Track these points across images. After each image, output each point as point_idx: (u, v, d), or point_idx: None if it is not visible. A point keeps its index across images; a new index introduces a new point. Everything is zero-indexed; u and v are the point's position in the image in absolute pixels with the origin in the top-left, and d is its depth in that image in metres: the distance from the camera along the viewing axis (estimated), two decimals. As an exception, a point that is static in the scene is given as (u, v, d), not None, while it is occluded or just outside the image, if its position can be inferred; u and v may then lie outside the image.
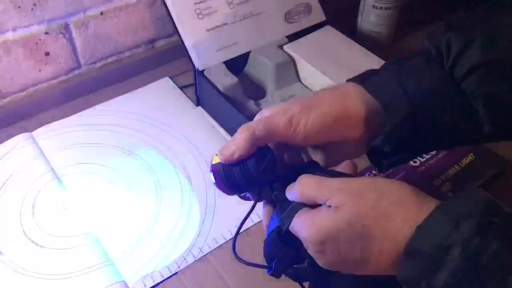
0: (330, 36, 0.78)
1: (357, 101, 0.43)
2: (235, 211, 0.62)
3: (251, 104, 0.71)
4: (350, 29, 0.85)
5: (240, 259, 0.43)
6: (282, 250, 0.41)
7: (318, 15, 0.81)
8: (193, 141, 0.71)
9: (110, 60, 0.81)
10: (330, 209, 0.37)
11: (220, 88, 0.69)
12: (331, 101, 0.43)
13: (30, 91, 0.76)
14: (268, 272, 0.42)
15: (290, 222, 0.40)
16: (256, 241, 0.47)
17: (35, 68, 0.74)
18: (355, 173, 0.44)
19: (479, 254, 0.32)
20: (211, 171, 0.43)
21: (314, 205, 0.39)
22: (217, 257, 0.58)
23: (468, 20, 0.46)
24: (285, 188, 0.42)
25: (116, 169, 0.67)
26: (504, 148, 0.67)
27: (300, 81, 0.76)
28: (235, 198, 0.64)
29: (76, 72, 0.79)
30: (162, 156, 0.69)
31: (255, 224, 0.61)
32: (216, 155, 0.43)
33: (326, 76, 0.71)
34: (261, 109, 0.71)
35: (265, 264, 0.43)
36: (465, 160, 0.66)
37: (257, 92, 0.75)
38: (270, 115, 0.42)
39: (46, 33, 0.72)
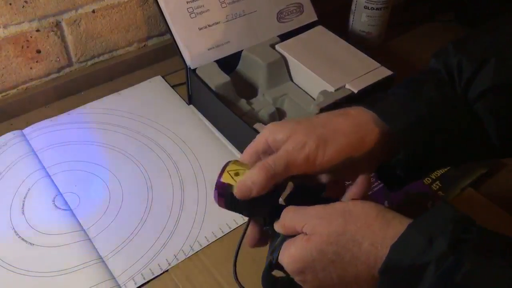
0: (322, 36, 0.79)
1: (372, 129, 0.43)
2: (226, 210, 0.62)
3: (243, 102, 0.71)
4: (341, 29, 0.86)
5: (240, 284, 0.45)
6: (275, 284, 0.43)
7: (310, 15, 0.81)
8: (185, 140, 0.71)
9: (101, 58, 0.81)
10: (305, 237, 0.39)
11: (212, 87, 0.69)
12: (347, 132, 0.42)
13: (21, 88, 0.75)
14: None
15: (278, 255, 0.41)
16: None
17: (26, 65, 0.74)
18: (368, 189, 0.43)
19: (453, 273, 0.33)
20: (216, 190, 0.42)
21: (296, 235, 0.40)
22: (208, 255, 0.58)
23: (479, 41, 0.46)
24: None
25: (107, 167, 0.67)
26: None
27: (291, 80, 0.76)
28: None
29: (68, 70, 0.79)
30: (153, 154, 0.69)
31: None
32: (228, 172, 0.42)
33: (318, 75, 0.71)
34: (253, 108, 0.71)
35: None
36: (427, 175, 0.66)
37: (249, 91, 0.75)
38: (287, 151, 0.41)
39: (38, 30, 0.72)
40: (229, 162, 0.43)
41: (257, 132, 0.63)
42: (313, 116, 0.45)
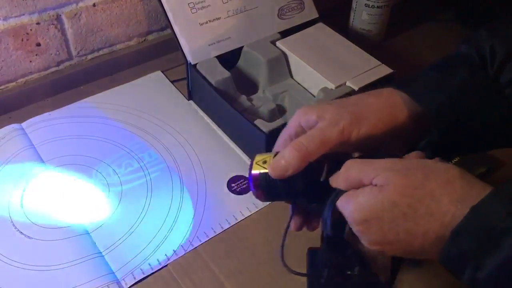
0: (323, 33, 0.78)
1: (404, 109, 0.43)
2: (226, 205, 0.63)
3: (243, 99, 0.71)
4: (342, 26, 0.86)
5: (291, 269, 0.43)
6: (330, 258, 0.42)
7: (311, 12, 0.81)
8: (184, 135, 0.71)
9: (101, 52, 0.81)
10: (375, 187, 0.37)
11: (213, 82, 0.69)
12: (380, 111, 0.42)
13: (20, 81, 0.75)
14: (319, 281, 0.42)
15: (334, 206, 0.39)
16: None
17: (25, 58, 0.73)
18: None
19: None
20: (251, 180, 0.43)
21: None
22: (207, 250, 0.58)
23: None
24: (323, 199, 0.41)
25: (106, 162, 0.66)
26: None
27: (292, 77, 0.76)
28: (225, 192, 0.65)
29: (67, 63, 0.78)
30: (153, 149, 0.69)
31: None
32: (256, 163, 0.42)
33: (318, 72, 0.71)
34: (253, 104, 0.71)
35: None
36: (454, 158, 0.67)
37: (249, 87, 0.75)
38: (320, 128, 0.41)
39: (38, 23, 0.72)
40: (255, 155, 0.44)
41: (257, 128, 0.63)
42: (344, 98, 0.45)
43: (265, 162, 0.42)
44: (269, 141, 0.62)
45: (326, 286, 0.42)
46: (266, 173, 0.42)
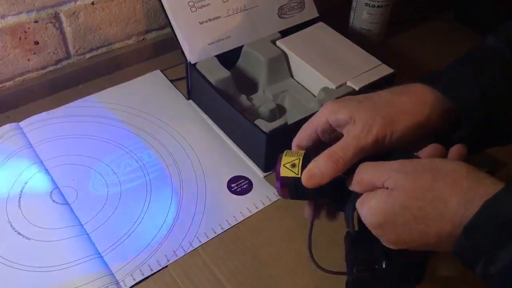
0: (323, 32, 0.78)
1: (435, 107, 0.42)
2: (226, 205, 0.62)
3: (243, 98, 0.71)
4: (342, 26, 0.85)
5: (321, 267, 0.44)
6: (355, 256, 0.42)
7: (311, 11, 0.80)
8: (183, 135, 0.71)
9: (100, 51, 0.80)
10: (386, 192, 0.37)
11: (212, 82, 0.69)
12: (413, 112, 0.42)
13: (18, 80, 0.74)
14: (350, 278, 0.43)
15: (354, 208, 0.40)
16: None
17: (23, 57, 0.73)
18: (443, 156, 0.42)
19: None
20: (279, 184, 0.43)
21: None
22: (207, 251, 0.57)
23: None
24: (345, 199, 0.42)
25: (105, 162, 0.66)
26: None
27: (292, 77, 0.76)
28: (225, 192, 0.64)
29: (65, 62, 0.77)
30: (152, 149, 0.68)
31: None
32: (284, 166, 0.42)
33: (319, 72, 0.71)
34: (253, 104, 0.70)
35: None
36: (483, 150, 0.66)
37: (249, 86, 0.75)
38: (354, 137, 0.41)
39: (36, 21, 0.71)
40: (281, 155, 0.44)
41: (258, 128, 0.62)
42: (373, 94, 0.44)
43: (294, 165, 0.42)
44: (269, 141, 0.62)
45: (358, 282, 0.43)
46: (296, 178, 0.42)
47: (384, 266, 0.41)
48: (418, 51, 0.88)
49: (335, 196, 0.43)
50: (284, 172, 0.42)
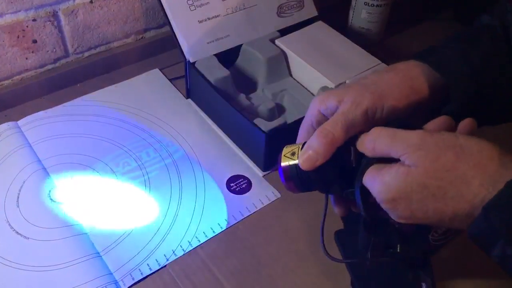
0: (322, 31, 0.78)
1: (424, 82, 0.42)
2: (225, 204, 0.62)
3: (242, 97, 0.71)
4: (341, 25, 0.85)
5: (334, 258, 0.43)
6: (370, 240, 0.41)
7: (310, 10, 0.80)
8: (182, 134, 0.70)
9: (98, 49, 0.80)
10: (404, 167, 0.36)
11: (212, 80, 0.68)
12: (401, 86, 0.42)
13: (16, 79, 0.74)
14: (364, 263, 0.42)
15: (362, 186, 0.39)
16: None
17: (21, 55, 0.72)
18: (453, 129, 0.41)
19: None
20: (281, 173, 0.42)
21: (387, 159, 0.38)
22: (206, 250, 0.57)
23: None
24: (354, 184, 0.40)
25: (103, 161, 0.66)
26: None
27: (291, 75, 0.76)
28: (224, 192, 0.64)
29: (64, 61, 0.77)
30: (151, 148, 0.68)
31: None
32: (285, 155, 0.42)
33: (318, 71, 0.70)
34: (252, 103, 0.70)
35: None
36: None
37: (248, 85, 0.75)
38: (343, 112, 0.40)
39: (34, 20, 0.71)
40: (282, 148, 0.44)
41: (257, 127, 0.62)
42: (360, 78, 0.44)
43: (293, 153, 0.42)
44: (268, 141, 0.62)
45: (371, 267, 0.42)
46: (295, 165, 0.41)
47: (398, 250, 0.40)
48: (417, 50, 0.87)
49: (341, 182, 0.42)
50: (285, 161, 0.42)
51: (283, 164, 0.42)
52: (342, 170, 0.41)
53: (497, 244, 0.33)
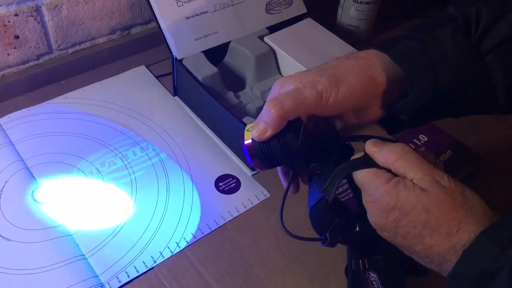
0: (311, 28, 0.77)
1: (382, 71, 0.43)
2: (214, 205, 0.61)
3: (230, 95, 0.70)
4: (330, 22, 0.85)
5: (294, 235, 0.42)
6: (334, 220, 0.41)
7: (299, 7, 0.80)
8: (169, 132, 0.69)
9: (83, 46, 0.78)
10: (419, 188, 0.37)
11: (200, 78, 0.67)
12: (358, 73, 0.42)
13: (-3, 76, 0.72)
14: (323, 244, 0.42)
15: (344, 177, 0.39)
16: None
17: (3, 52, 0.70)
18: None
19: None
20: (244, 150, 0.42)
21: (382, 168, 0.39)
22: (194, 251, 0.56)
23: None
24: (322, 159, 0.41)
25: (88, 160, 0.64)
26: (480, 145, 0.68)
27: (280, 73, 0.75)
28: (213, 192, 0.63)
29: (47, 57, 0.75)
30: (137, 147, 0.67)
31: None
32: (248, 130, 0.42)
33: (306, 68, 0.70)
34: (241, 101, 0.69)
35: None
36: (443, 156, 0.67)
37: (236, 83, 0.74)
38: (297, 88, 0.41)
39: (16, 15, 0.69)
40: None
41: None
42: (321, 64, 0.44)
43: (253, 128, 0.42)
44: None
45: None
46: (255, 140, 0.41)
47: (357, 228, 0.41)
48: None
49: (309, 158, 0.42)
50: (247, 136, 0.42)
51: (245, 141, 0.42)
52: (304, 144, 0.41)
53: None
